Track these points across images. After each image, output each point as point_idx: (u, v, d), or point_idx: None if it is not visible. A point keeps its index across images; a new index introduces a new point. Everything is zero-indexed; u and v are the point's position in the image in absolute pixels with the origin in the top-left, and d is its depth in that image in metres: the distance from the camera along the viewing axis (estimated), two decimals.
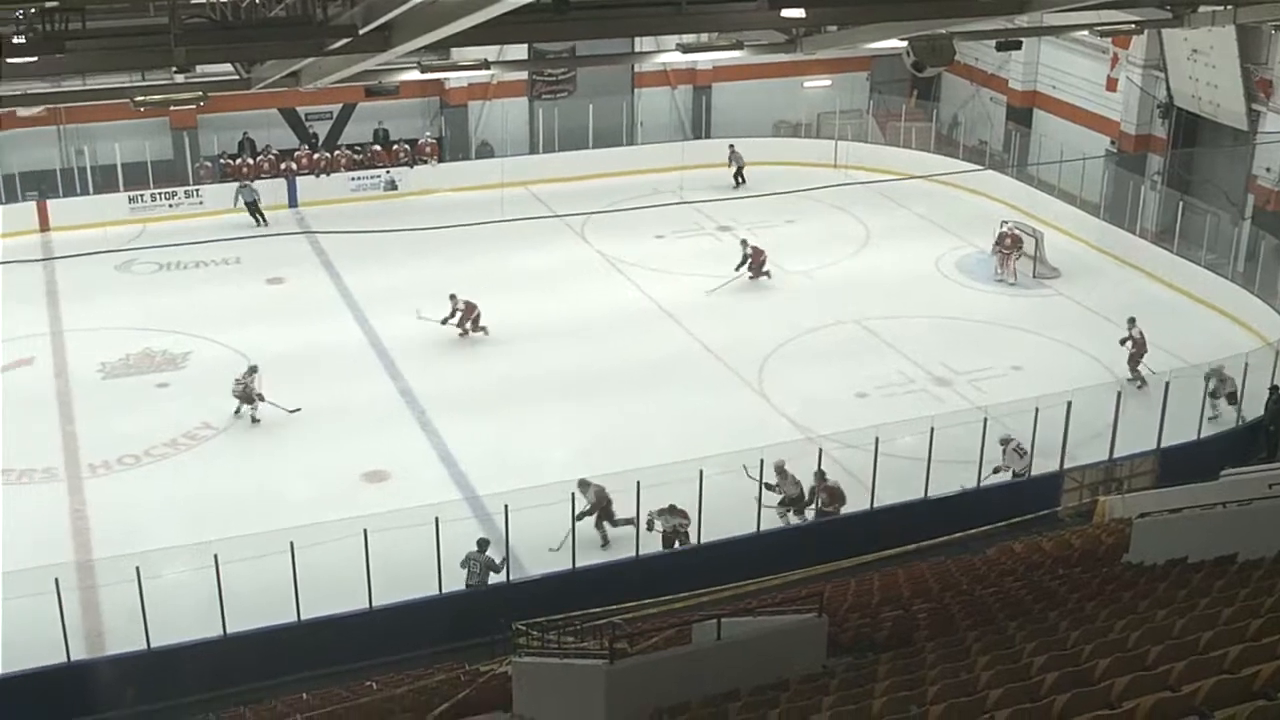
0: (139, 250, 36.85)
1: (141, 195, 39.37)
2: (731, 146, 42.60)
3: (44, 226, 38.75)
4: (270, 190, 40.37)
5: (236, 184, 39.51)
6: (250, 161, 41.25)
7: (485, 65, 28.44)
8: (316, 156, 41.82)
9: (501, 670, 17.84)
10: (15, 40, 14.93)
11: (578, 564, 21.63)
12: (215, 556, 19.22)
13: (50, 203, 39.03)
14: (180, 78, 23.09)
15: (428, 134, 43.49)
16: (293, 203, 40.80)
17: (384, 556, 19.97)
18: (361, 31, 15.95)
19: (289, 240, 37.99)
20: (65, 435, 26.93)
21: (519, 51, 33.72)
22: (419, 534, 20.33)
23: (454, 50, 29.54)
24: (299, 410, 27.27)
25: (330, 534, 20.03)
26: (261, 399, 27.21)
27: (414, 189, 41.62)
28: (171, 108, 36.95)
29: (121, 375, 29.52)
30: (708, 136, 45.90)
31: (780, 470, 22.97)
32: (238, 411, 27.41)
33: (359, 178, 41.82)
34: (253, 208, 39.01)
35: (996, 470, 23.85)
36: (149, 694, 19.04)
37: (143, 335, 31.12)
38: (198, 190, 40.25)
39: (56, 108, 38.41)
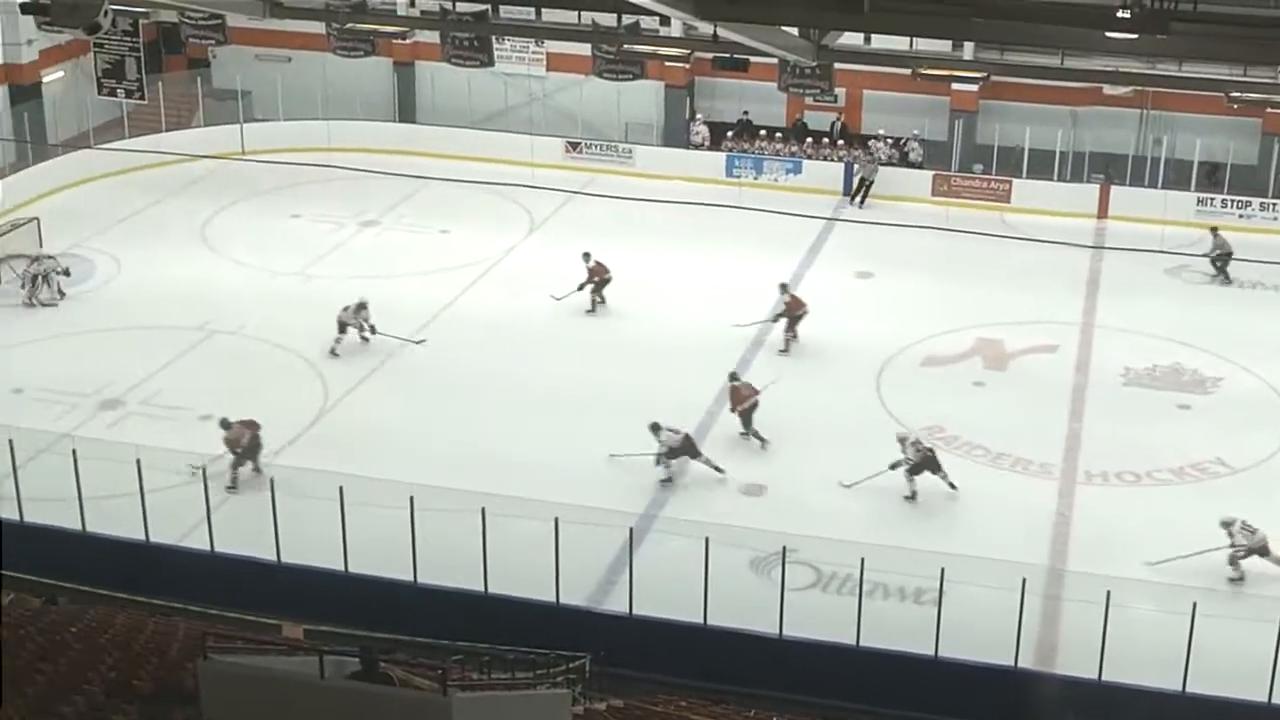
0: (1195, 257, 34.89)
1: (1211, 199, 37.26)
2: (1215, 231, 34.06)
3: (1102, 213, 38.06)
4: None
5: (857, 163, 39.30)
6: None
7: None
8: None
9: None
10: (1120, 14, 14.85)
11: None
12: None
13: (1114, 189, 38.25)
14: None
15: None
16: None
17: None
18: None
19: None
20: (1069, 433, 26.27)
21: None
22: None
23: None
24: (424, 341, 28.73)
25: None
26: (372, 330, 28.25)
27: None
28: (1269, 109, 34.86)
29: (1143, 385, 28.22)
30: None
31: None
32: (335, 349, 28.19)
33: None
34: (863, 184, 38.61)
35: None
36: None
37: (1176, 348, 29.52)
38: (1275, 204, 37.38)
39: (1145, 90, 37.53)
